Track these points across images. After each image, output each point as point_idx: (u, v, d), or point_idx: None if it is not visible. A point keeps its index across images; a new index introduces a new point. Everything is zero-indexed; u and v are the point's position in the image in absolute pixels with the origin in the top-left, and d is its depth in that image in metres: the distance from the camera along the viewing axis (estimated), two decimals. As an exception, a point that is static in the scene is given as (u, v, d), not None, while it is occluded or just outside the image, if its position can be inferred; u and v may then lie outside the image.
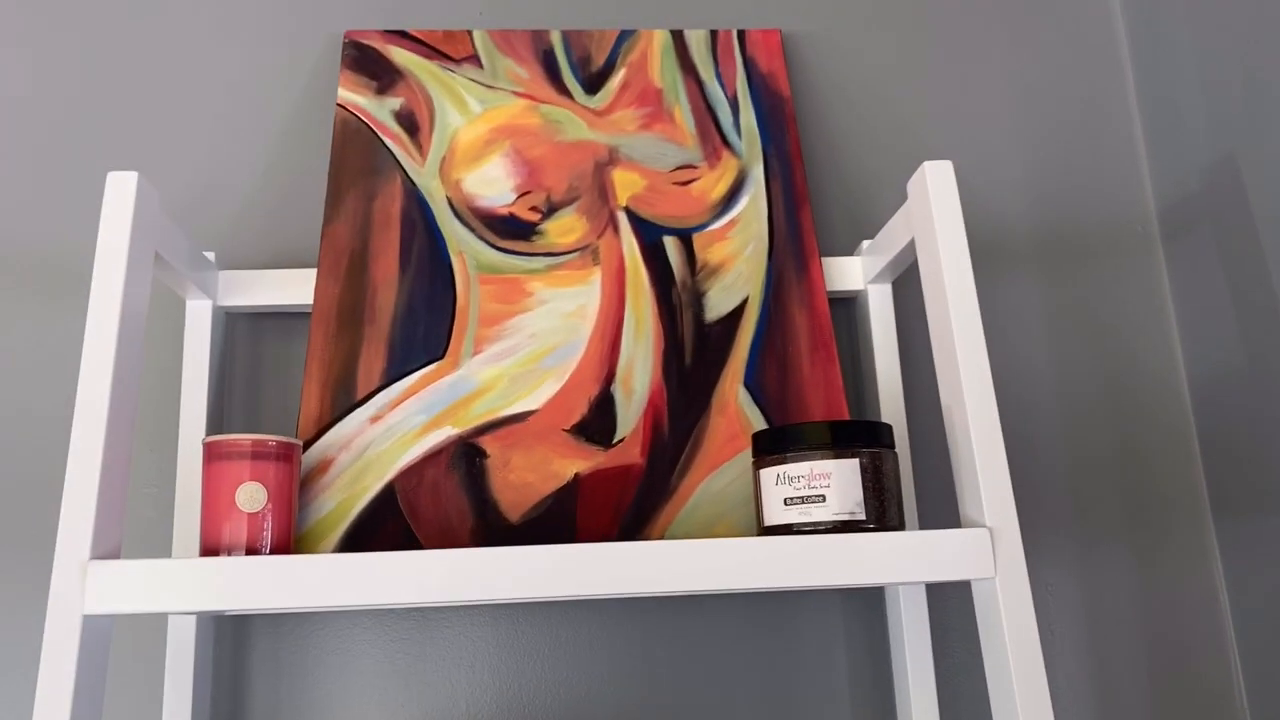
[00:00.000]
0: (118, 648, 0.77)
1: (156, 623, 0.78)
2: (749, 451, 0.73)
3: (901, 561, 0.59)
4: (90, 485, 0.57)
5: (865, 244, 0.83)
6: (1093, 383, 0.89)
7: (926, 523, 0.84)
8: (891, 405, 0.80)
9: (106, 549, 0.58)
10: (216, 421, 0.79)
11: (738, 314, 0.78)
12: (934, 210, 0.67)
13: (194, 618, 0.73)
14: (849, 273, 0.84)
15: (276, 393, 0.83)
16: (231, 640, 0.78)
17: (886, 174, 0.93)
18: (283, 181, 0.88)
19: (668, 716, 0.78)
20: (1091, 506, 0.86)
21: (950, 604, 0.83)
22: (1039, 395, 0.88)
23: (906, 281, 0.89)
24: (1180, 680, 0.82)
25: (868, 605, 0.82)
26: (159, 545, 0.79)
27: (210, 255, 0.79)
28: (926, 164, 0.68)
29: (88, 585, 0.55)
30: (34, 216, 0.86)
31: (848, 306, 0.88)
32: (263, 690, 0.77)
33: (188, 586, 0.55)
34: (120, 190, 0.63)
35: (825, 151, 0.93)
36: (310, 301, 0.80)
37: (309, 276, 0.80)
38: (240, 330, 0.84)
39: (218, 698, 0.77)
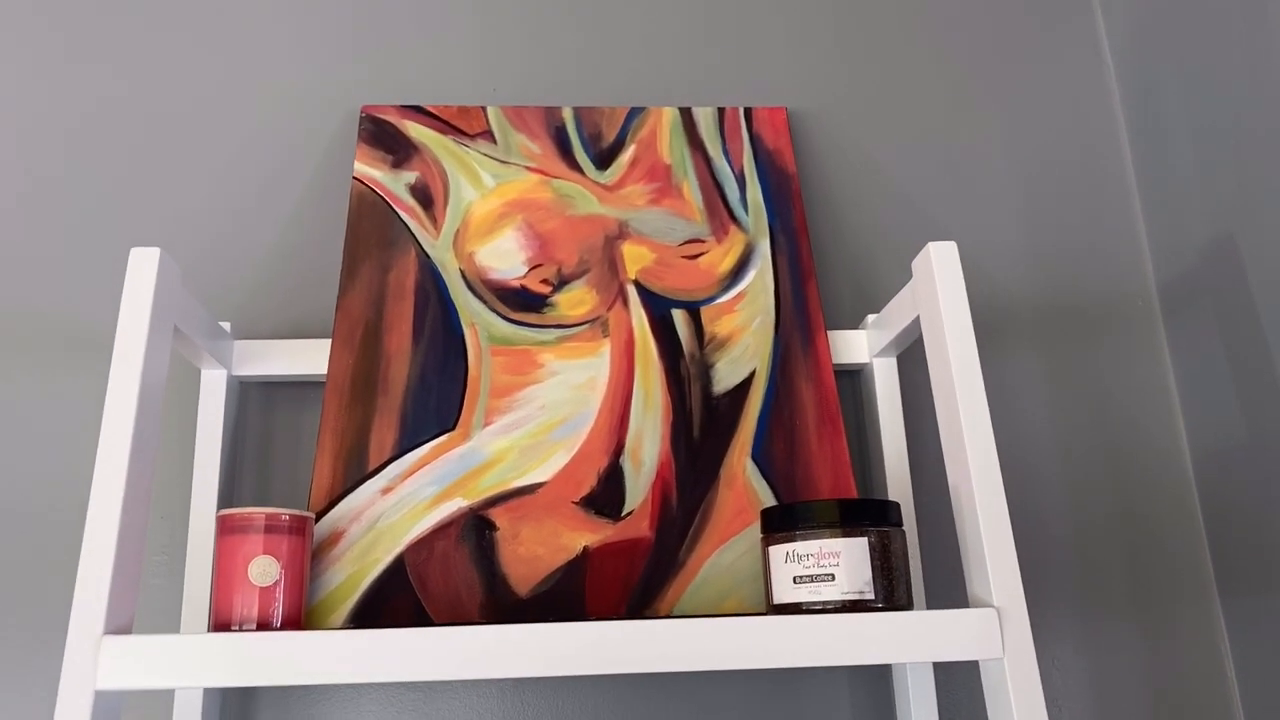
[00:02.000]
0: (124, 718, 0.77)
1: (163, 693, 0.77)
2: (757, 525, 0.73)
3: (909, 641, 0.59)
4: (106, 559, 0.57)
5: (870, 318, 0.85)
6: (1096, 456, 0.90)
7: (934, 600, 0.84)
8: (898, 480, 0.81)
9: (120, 623, 0.58)
10: (228, 490, 0.80)
11: (745, 386, 0.79)
12: (939, 290, 0.68)
13: (199, 694, 0.73)
14: (854, 346, 0.85)
15: (288, 462, 0.83)
16: (237, 711, 0.77)
17: (890, 248, 0.94)
18: (298, 253, 0.90)
19: (674, 792, 0.78)
20: (1096, 581, 0.86)
21: (958, 680, 0.83)
22: (1043, 469, 0.89)
23: (911, 355, 0.90)
24: (1189, 758, 0.82)
25: (874, 682, 0.82)
26: (167, 613, 0.79)
27: (226, 325, 0.80)
28: (931, 245, 0.69)
29: (101, 660, 0.55)
30: (53, 288, 0.87)
31: (853, 379, 0.89)
32: (266, 762, 0.76)
33: (201, 663, 0.56)
34: (142, 266, 0.64)
35: (830, 226, 0.95)
36: (323, 371, 0.81)
37: (323, 347, 0.81)
38: (253, 399, 0.85)
39: (221, 770, 0.76)
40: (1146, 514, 0.88)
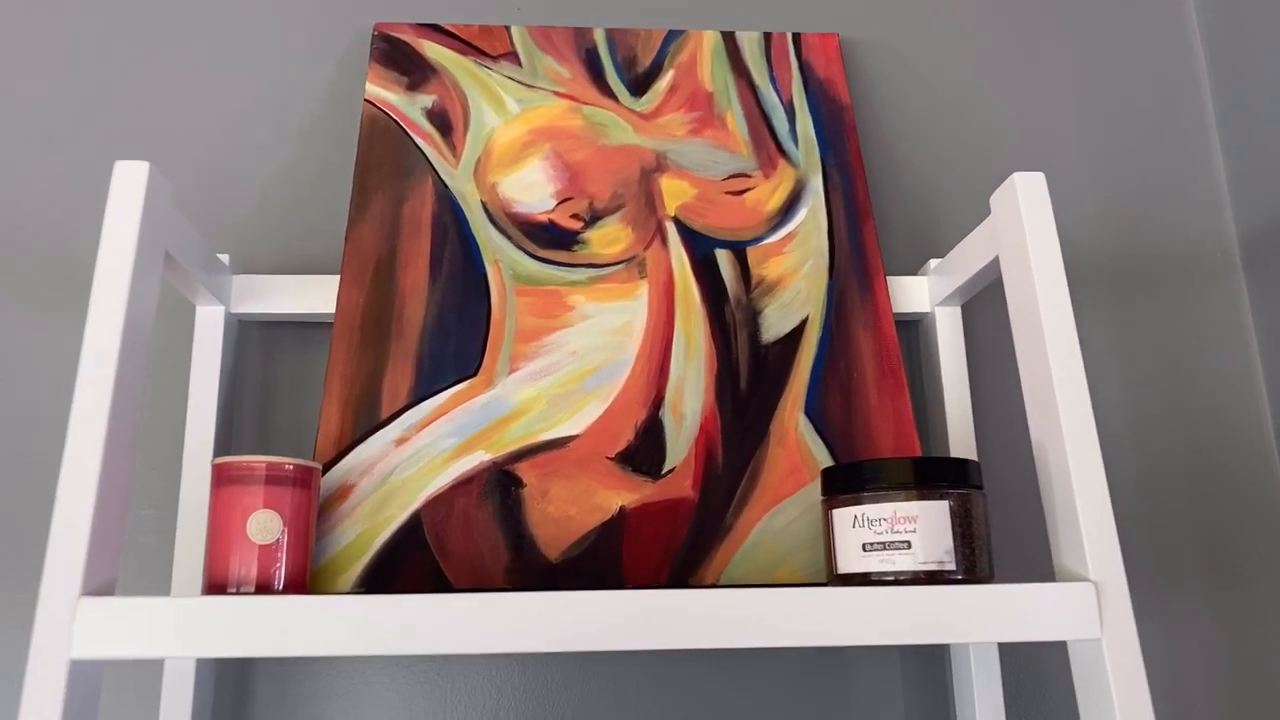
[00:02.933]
0: (106, 687, 0.70)
1: (151, 663, 0.71)
2: (811, 487, 0.66)
3: (995, 618, 0.52)
4: (85, 511, 0.50)
5: (933, 263, 0.77)
6: (1169, 417, 0.82)
7: (1001, 573, 0.77)
8: (960, 440, 0.74)
9: (99, 583, 0.51)
10: (225, 439, 0.73)
11: (797, 335, 0.72)
12: (1025, 226, 0.61)
13: (192, 662, 0.66)
14: (913, 294, 0.77)
15: (290, 409, 0.76)
16: (234, 682, 0.71)
17: (950, 189, 0.86)
18: (303, 182, 0.82)
19: (710, 776, 0.71)
20: (1169, 554, 0.79)
21: (1020, 662, 0.76)
22: (1111, 429, 0.82)
23: (974, 304, 0.83)
24: (1269, 747, 0.75)
25: (929, 661, 0.75)
26: (157, 575, 0.72)
27: (224, 258, 0.73)
28: (1016, 175, 0.62)
29: (77, 625, 0.48)
30: (36, 211, 0.80)
31: (909, 330, 0.81)
32: (266, 736, 0.70)
33: (192, 629, 0.49)
34: (129, 181, 0.57)
35: (883, 164, 0.87)
36: (330, 310, 0.73)
37: (329, 284, 0.74)
38: (252, 339, 0.78)
39: (217, 744, 0.70)
40: (1224, 482, 0.81)
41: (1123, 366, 0.83)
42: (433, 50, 0.82)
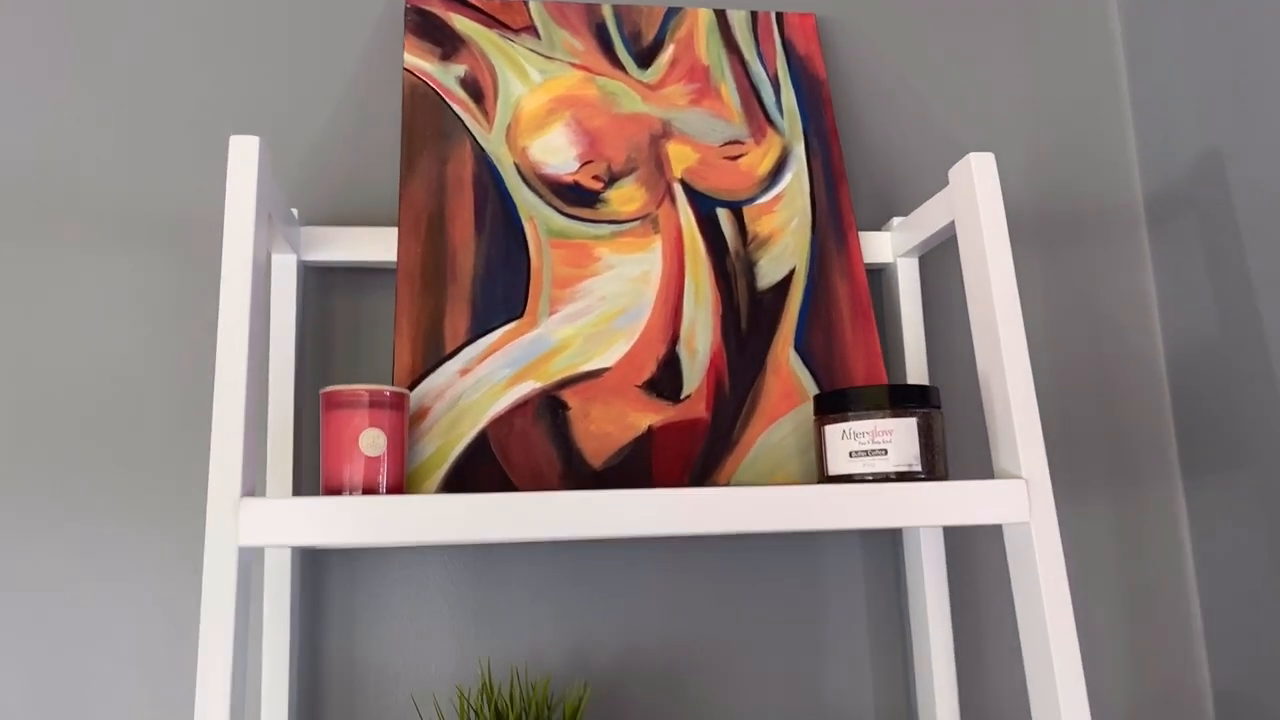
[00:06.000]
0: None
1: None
2: (801, 408, 0.81)
3: (952, 507, 0.68)
4: (237, 427, 0.62)
5: (896, 220, 0.91)
6: (1081, 348, 0.99)
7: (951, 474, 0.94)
8: (917, 368, 0.89)
9: (249, 487, 0.63)
10: (301, 370, 0.84)
11: (786, 283, 0.86)
12: (978, 198, 0.75)
13: (289, 552, 0.79)
14: (878, 246, 0.92)
15: (353, 345, 0.88)
16: (310, 568, 0.84)
17: (907, 155, 1.01)
18: (351, 143, 0.92)
19: (705, 641, 0.87)
20: (1077, 459, 0.97)
21: (959, 546, 0.93)
22: (1033, 357, 0.98)
23: (930, 256, 0.98)
24: (1146, 617, 0.94)
25: (885, 547, 0.92)
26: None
27: (295, 212, 0.83)
28: (972, 155, 0.76)
29: (241, 520, 0.61)
30: (119, 173, 0.89)
31: (874, 277, 0.96)
32: (339, 619, 0.83)
33: (336, 522, 0.61)
34: (244, 153, 0.67)
35: (851, 133, 1.01)
36: (383, 258, 0.85)
37: (384, 235, 0.85)
38: (314, 284, 0.89)
39: (302, 625, 0.83)
40: (1123, 401, 0.99)
41: (1044, 302, 1.00)
42: (461, 23, 0.92)
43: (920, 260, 0.97)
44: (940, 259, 0.99)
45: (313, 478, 0.85)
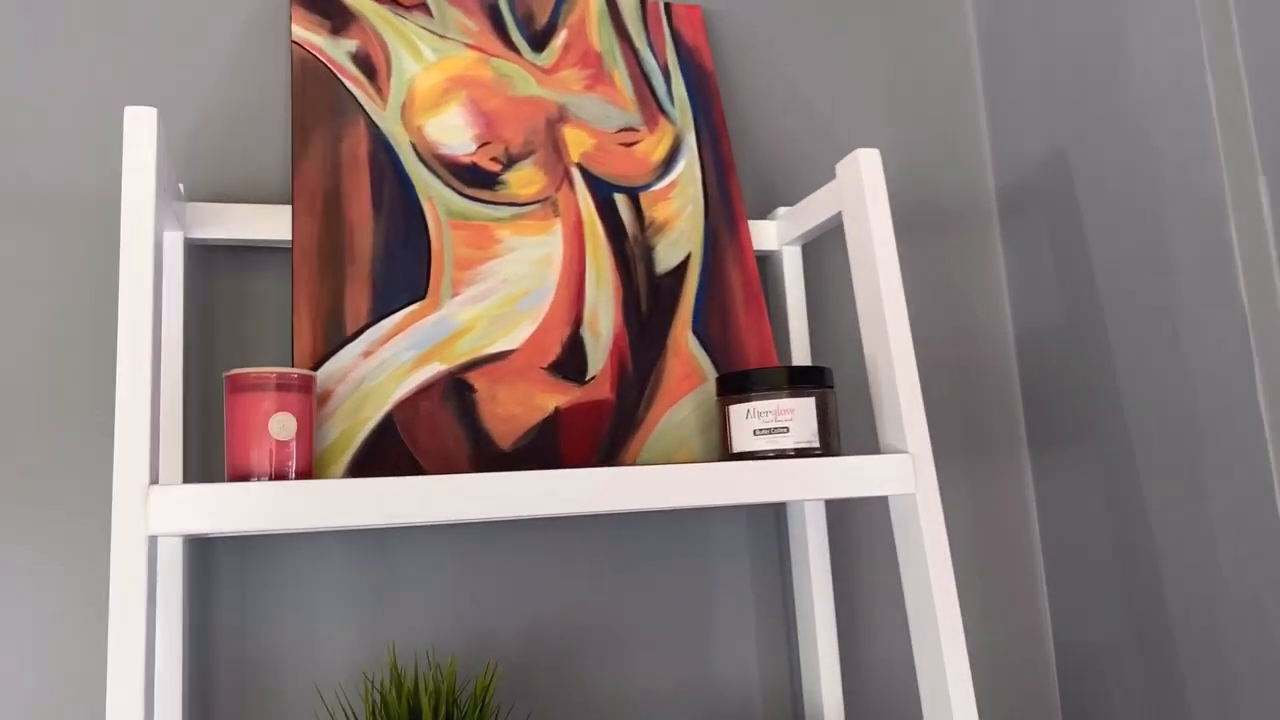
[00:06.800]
0: (101, 561, 0.78)
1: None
2: (701, 389, 0.84)
3: (846, 480, 0.73)
4: (144, 413, 0.60)
5: (781, 210, 0.96)
6: (937, 331, 1.07)
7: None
8: (801, 350, 0.94)
9: (155, 474, 0.61)
10: (189, 353, 0.81)
11: (682, 268, 0.89)
12: (865, 191, 0.80)
13: (178, 542, 0.76)
14: (765, 234, 0.96)
15: (241, 326, 0.85)
16: (200, 554, 0.81)
17: (785, 147, 1.05)
18: (236, 116, 0.89)
19: (601, 617, 0.90)
20: (935, 435, 1.05)
21: (837, 520, 0.99)
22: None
23: (811, 245, 1.03)
24: (998, 576, 1.04)
25: (768, 522, 0.97)
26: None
27: (181, 187, 0.79)
28: (859, 151, 0.81)
29: (150, 508, 0.59)
30: (-43, 131, 0.82)
31: (761, 264, 1.00)
32: (232, 610, 0.81)
33: (249, 509, 0.60)
34: (141, 124, 0.64)
35: (737, 124, 1.05)
36: (273, 237, 0.82)
37: (275, 213, 0.82)
38: (200, 262, 0.85)
39: (193, 617, 0.80)
40: (975, 380, 1.07)
41: (909, 292, 1.07)
42: (350, -4, 0.90)
43: (804, 248, 1.02)
44: (819, 248, 1.04)
45: (203, 465, 0.82)
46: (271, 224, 0.82)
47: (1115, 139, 0.95)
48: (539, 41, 0.94)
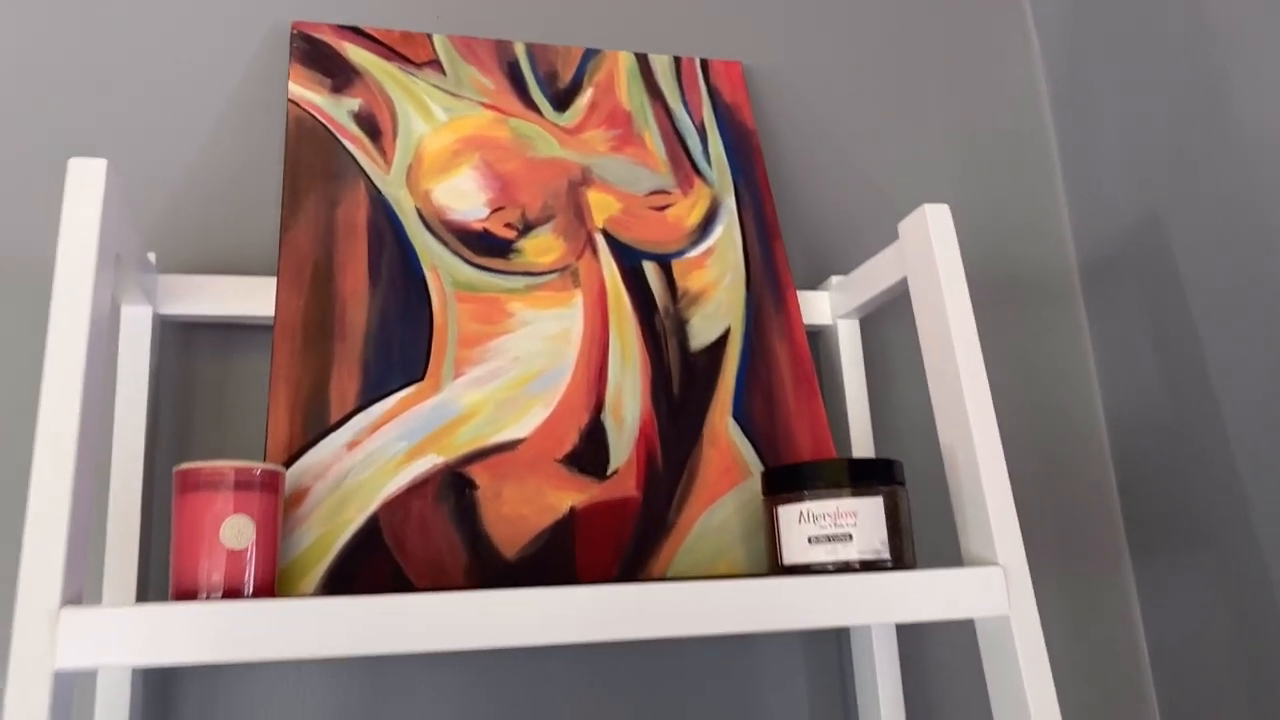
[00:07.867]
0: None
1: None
2: (744, 485, 0.72)
3: (925, 600, 0.59)
4: (61, 521, 0.49)
5: (835, 279, 0.84)
6: (1019, 423, 0.93)
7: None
8: (861, 440, 0.81)
9: (73, 594, 0.50)
10: (153, 444, 0.71)
11: (721, 344, 0.77)
12: (935, 251, 0.69)
13: (128, 670, 0.64)
14: (816, 307, 0.85)
15: (219, 412, 0.75)
16: (158, 685, 0.69)
17: (837, 212, 0.94)
18: (223, 182, 0.80)
19: (637, 758, 0.76)
20: (1031, 540, 0.90)
21: (909, 641, 0.85)
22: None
23: (872, 318, 0.91)
24: (1102, 707, 0.87)
25: (828, 643, 0.82)
26: (88, 586, 0.69)
27: (151, 256, 0.70)
28: (926, 206, 0.69)
29: (60, 636, 0.47)
30: (-82, 200, 0.74)
31: (812, 341, 0.89)
32: (195, 746, 0.69)
33: (184, 636, 0.48)
34: (87, 178, 0.55)
35: (779, 187, 0.94)
36: (257, 312, 0.73)
37: (259, 285, 0.73)
38: (173, 341, 0.75)
39: (144, 756, 0.68)
40: (1063, 477, 0.93)
41: (987, 373, 0.94)
42: (355, 53, 0.82)
43: (862, 322, 0.90)
44: (878, 322, 0.92)
45: (166, 578, 0.70)
46: (256, 298, 0.73)
47: (1217, 199, 0.82)
48: (562, 101, 0.86)
